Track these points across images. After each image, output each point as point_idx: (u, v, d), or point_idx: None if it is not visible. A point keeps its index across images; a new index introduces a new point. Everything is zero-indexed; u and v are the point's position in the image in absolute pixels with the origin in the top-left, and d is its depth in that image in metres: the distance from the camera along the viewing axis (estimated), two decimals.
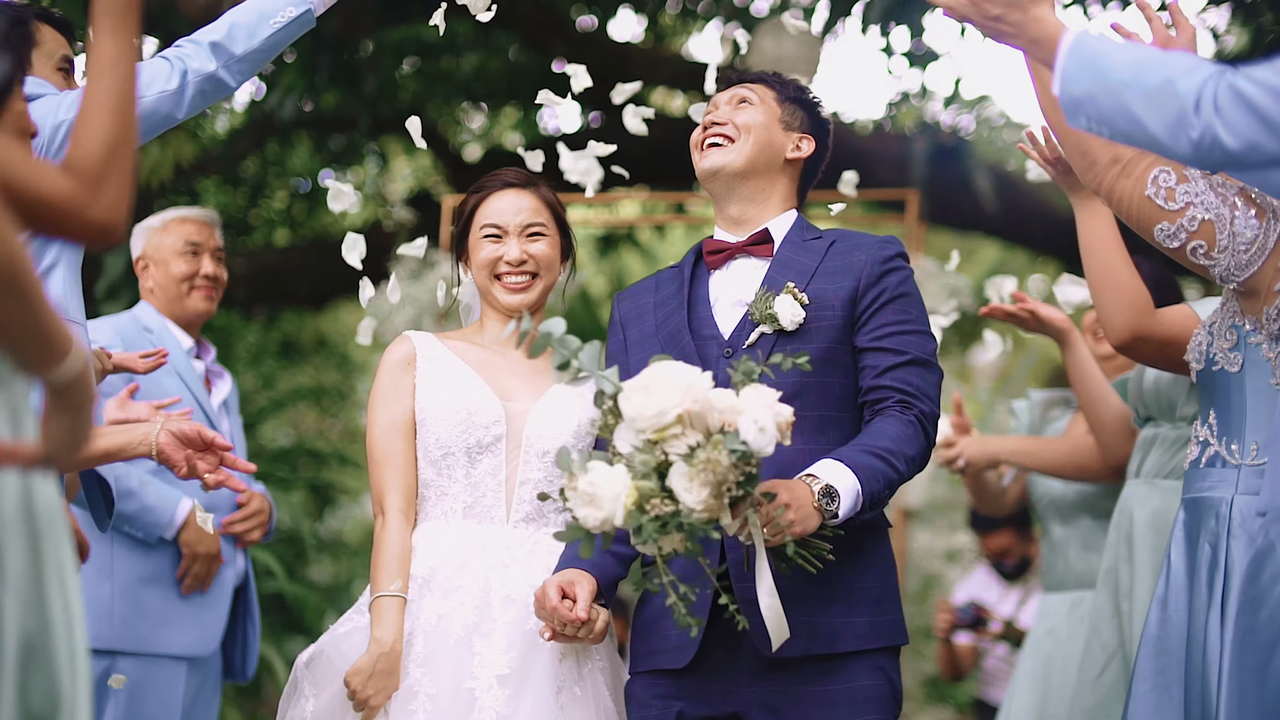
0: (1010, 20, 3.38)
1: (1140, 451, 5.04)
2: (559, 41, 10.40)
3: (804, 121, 4.17)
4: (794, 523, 3.52)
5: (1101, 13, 8.25)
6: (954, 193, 10.51)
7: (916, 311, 3.94)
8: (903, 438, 3.77)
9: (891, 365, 3.86)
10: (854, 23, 8.37)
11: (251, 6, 4.42)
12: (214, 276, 5.71)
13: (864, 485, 3.64)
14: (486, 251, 4.28)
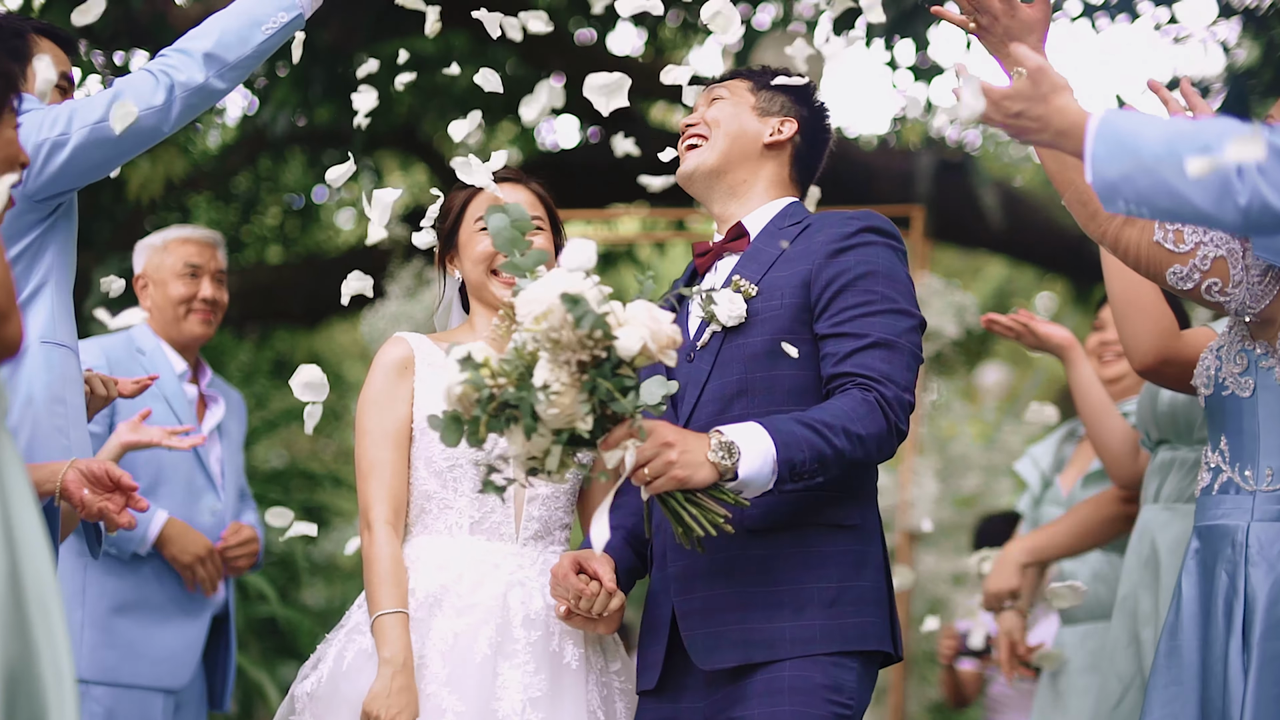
0: (1033, 115, 3.34)
1: (1157, 476, 5.01)
2: (557, 55, 10.40)
3: (785, 105, 4.10)
4: (674, 465, 3.44)
5: (1109, 25, 8.25)
6: (959, 209, 10.50)
7: (884, 289, 3.78)
8: (849, 414, 3.61)
9: (852, 350, 3.72)
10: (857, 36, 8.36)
11: (240, 10, 4.36)
12: (213, 300, 5.69)
13: (780, 451, 3.51)
14: (484, 245, 4.23)
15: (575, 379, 3.32)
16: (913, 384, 3.73)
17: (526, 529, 4.08)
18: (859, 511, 3.83)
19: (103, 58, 8.84)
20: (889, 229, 3.86)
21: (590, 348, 3.31)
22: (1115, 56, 19.76)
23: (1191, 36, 8.62)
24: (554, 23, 10.25)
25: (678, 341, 3.39)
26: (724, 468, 3.47)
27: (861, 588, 3.76)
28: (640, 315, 3.35)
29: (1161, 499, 4.98)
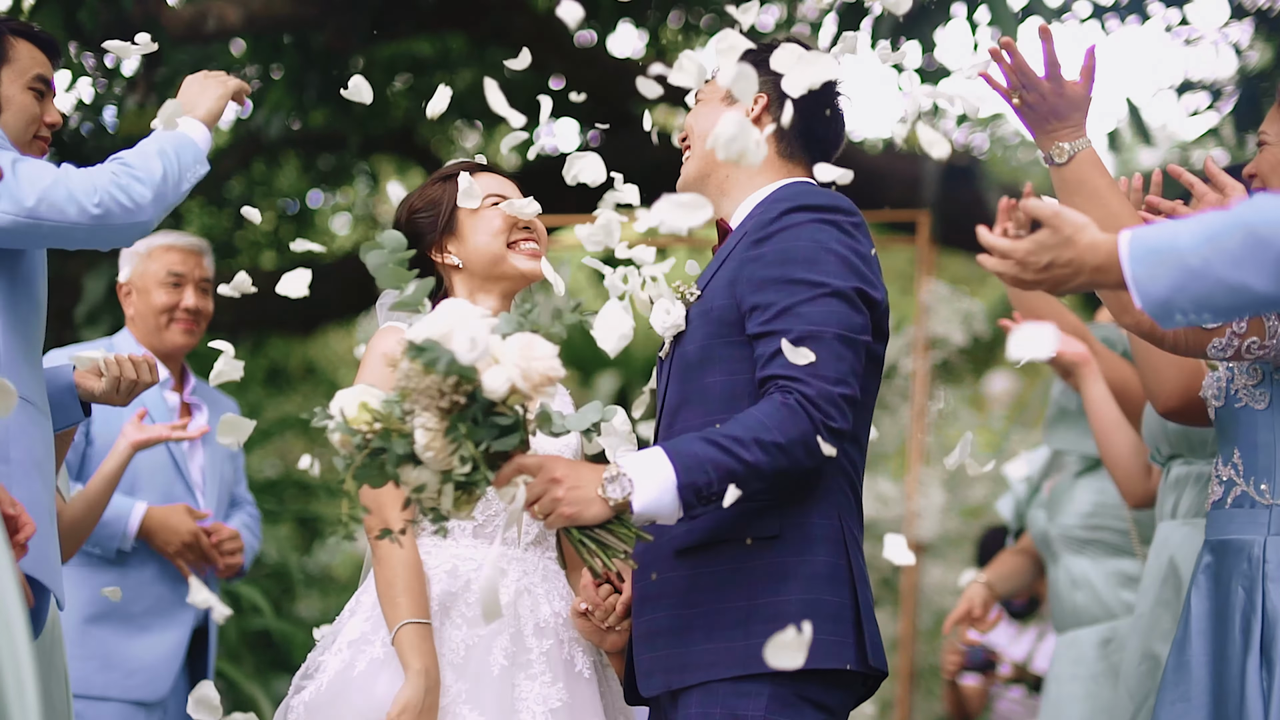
0: (1063, 262, 3.26)
1: (1173, 492, 5.00)
2: (556, 58, 10.40)
3: (758, 84, 3.83)
4: (561, 502, 3.40)
5: (1119, 27, 8.24)
6: (967, 214, 10.46)
7: (805, 273, 3.58)
8: (762, 423, 3.45)
9: (776, 350, 3.54)
10: (863, 38, 8.37)
11: (173, 155, 4.21)
12: (196, 309, 5.66)
13: (681, 477, 3.38)
14: (497, 219, 4.22)
15: (440, 424, 3.31)
16: (848, 371, 3.54)
17: (527, 534, 4.06)
18: (779, 521, 3.62)
19: (94, 59, 8.84)
20: (822, 202, 3.68)
21: (448, 393, 3.29)
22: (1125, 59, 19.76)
23: (1203, 38, 8.62)
24: (553, 24, 10.27)
25: (554, 378, 3.33)
26: (616, 503, 3.41)
27: (780, 603, 3.58)
28: (512, 353, 3.31)
29: (1179, 515, 4.97)
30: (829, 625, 3.57)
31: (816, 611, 3.56)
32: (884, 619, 9.65)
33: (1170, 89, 8.92)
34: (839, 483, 3.68)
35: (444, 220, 4.25)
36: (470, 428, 3.30)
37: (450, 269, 4.24)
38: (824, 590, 3.59)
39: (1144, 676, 4.91)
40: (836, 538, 3.64)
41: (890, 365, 9.15)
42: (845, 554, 3.65)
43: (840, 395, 3.50)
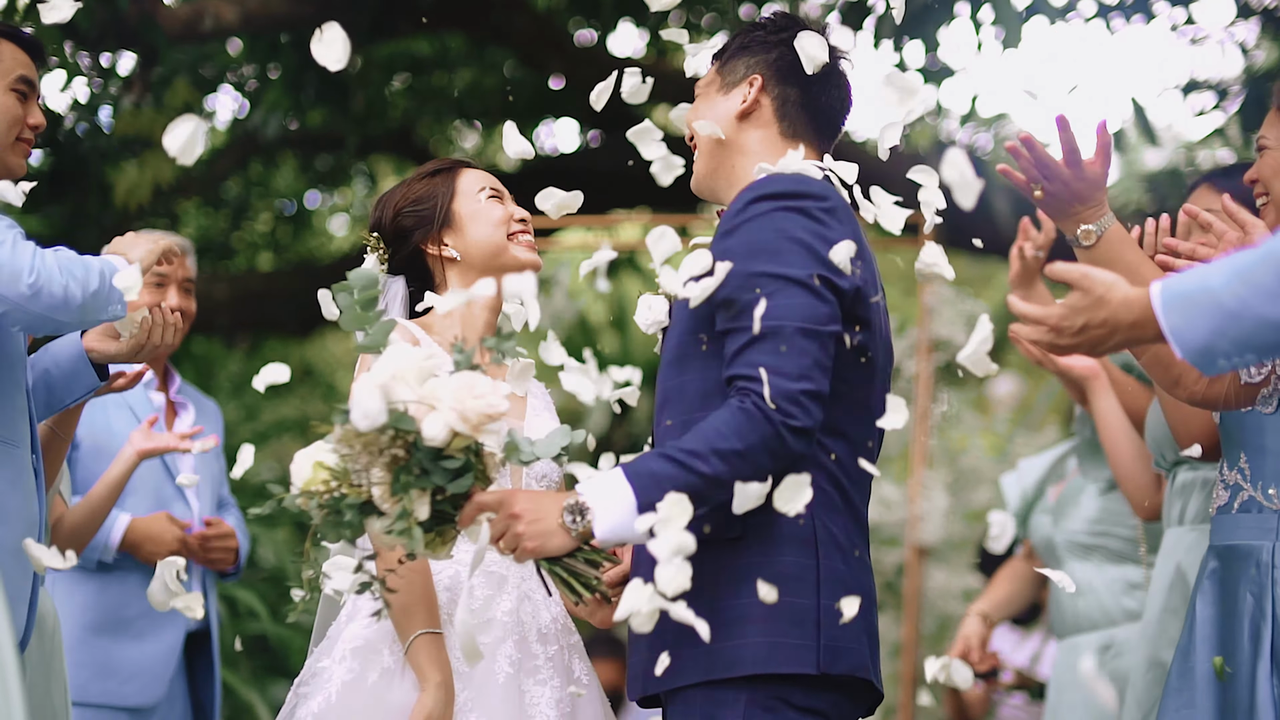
0: (1099, 322, 3.25)
1: (1179, 497, 4.99)
2: (556, 57, 10.40)
3: (747, 64, 3.89)
4: (522, 537, 3.37)
5: (1124, 26, 8.24)
6: (971, 215, 10.47)
7: (767, 265, 3.50)
8: (718, 431, 3.38)
9: (737, 349, 3.47)
10: (866, 38, 8.37)
11: (106, 289, 4.14)
12: (179, 309, 5.65)
13: (639, 497, 3.34)
14: (499, 209, 4.24)
15: (386, 478, 3.31)
16: (810, 365, 3.44)
17: None
18: (743, 522, 3.53)
19: (89, 59, 8.84)
20: (786, 188, 3.59)
21: (387, 449, 3.29)
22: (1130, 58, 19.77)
23: (1209, 38, 8.61)
24: (553, 23, 10.27)
25: (494, 415, 3.32)
26: (577, 533, 3.39)
27: (742, 605, 3.51)
28: (447, 396, 3.30)
29: (1186, 521, 4.96)
30: (791, 629, 3.51)
31: (778, 614, 3.50)
32: (886, 623, 9.63)
33: (1176, 89, 8.92)
34: (815, 480, 3.55)
35: (441, 213, 4.25)
36: (417, 477, 3.31)
37: (447, 262, 4.25)
38: (788, 592, 3.51)
39: (1151, 685, 4.90)
40: (807, 538, 3.56)
41: (894, 368, 9.14)
42: (815, 554, 3.56)
43: (802, 392, 3.42)
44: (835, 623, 3.53)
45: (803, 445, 3.44)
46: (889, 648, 9.64)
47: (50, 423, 4.66)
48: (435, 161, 4.38)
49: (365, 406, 3.26)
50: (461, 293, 3.36)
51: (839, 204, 3.64)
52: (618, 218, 11.29)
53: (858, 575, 3.63)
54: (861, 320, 3.60)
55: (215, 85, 10.51)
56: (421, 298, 4.28)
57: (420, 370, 3.33)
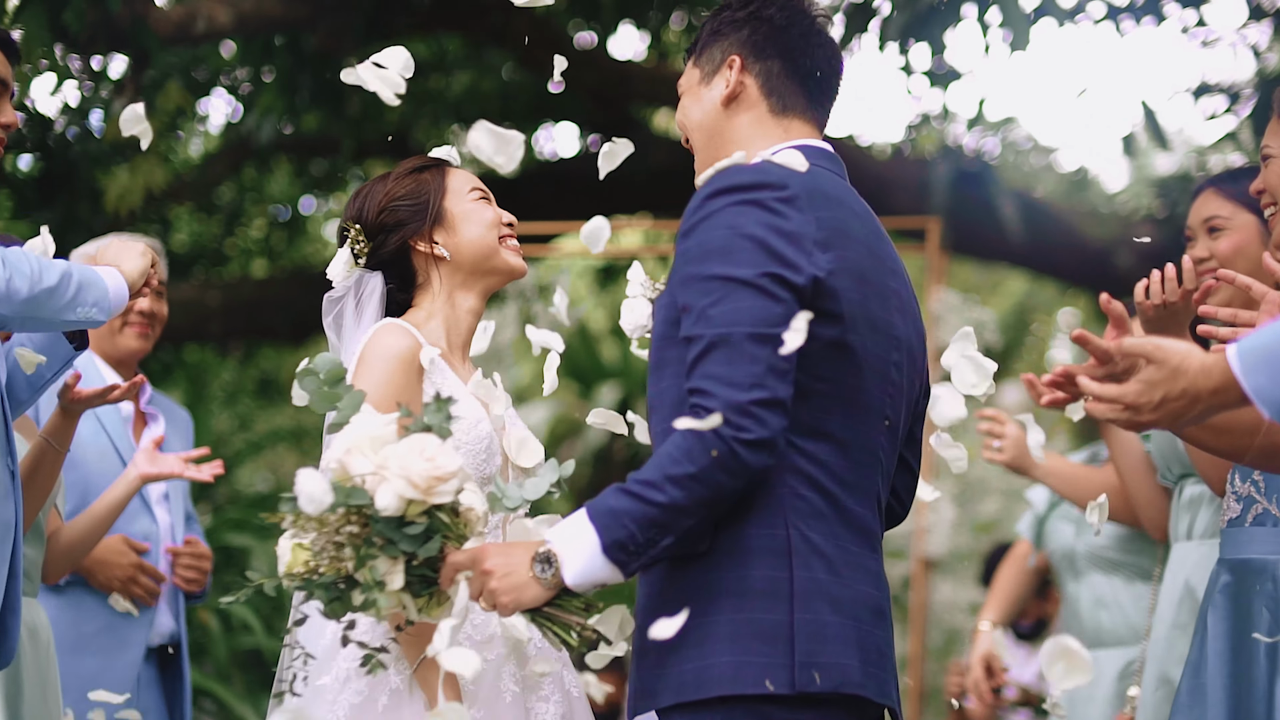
0: (1177, 393, 3.13)
1: (1187, 512, 4.98)
2: (555, 60, 10.41)
3: (723, 48, 3.77)
4: (497, 593, 3.34)
5: (1134, 28, 8.25)
6: (978, 221, 10.51)
7: (720, 267, 3.38)
8: (670, 457, 3.28)
9: (692, 360, 3.36)
10: (871, 40, 8.37)
11: (78, 280, 4.17)
12: (150, 313, 5.62)
13: (604, 537, 3.28)
14: (491, 211, 4.21)
15: (351, 554, 3.32)
16: (763, 372, 3.32)
17: None
18: (707, 535, 3.43)
19: (79, 62, 8.85)
20: (744, 180, 3.46)
21: (341, 527, 3.30)
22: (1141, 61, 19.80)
23: (1220, 40, 8.62)
24: (552, 25, 10.28)
25: (444, 476, 3.30)
26: (549, 583, 3.34)
27: (709, 624, 3.40)
28: (394, 464, 3.30)
29: (1195, 535, 4.95)
30: (759, 646, 3.38)
31: (746, 632, 3.39)
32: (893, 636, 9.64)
33: (1187, 92, 8.93)
34: (791, 487, 3.44)
35: (434, 210, 4.20)
36: (383, 547, 3.31)
37: (436, 260, 4.19)
38: (757, 608, 3.40)
39: (1160, 702, 4.89)
40: (780, 549, 3.42)
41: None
42: (789, 566, 3.41)
43: (753, 402, 3.29)
44: (815, 637, 3.41)
45: (762, 457, 3.32)
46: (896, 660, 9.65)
47: (44, 433, 4.65)
48: (417, 158, 4.32)
49: (308, 491, 3.27)
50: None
51: (800, 191, 3.48)
52: (617, 223, 11.31)
53: (853, 587, 3.50)
54: (829, 313, 3.44)
55: (208, 88, 10.52)
56: (400, 294, 4.24)
57: (375, 438, 3.34)
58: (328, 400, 3.54)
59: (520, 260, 4.22)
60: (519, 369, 14.54)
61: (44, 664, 4.58)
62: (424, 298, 4.20)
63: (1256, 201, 4.29)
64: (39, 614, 4.67)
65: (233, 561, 8.85)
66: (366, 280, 4.24)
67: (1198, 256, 4.76)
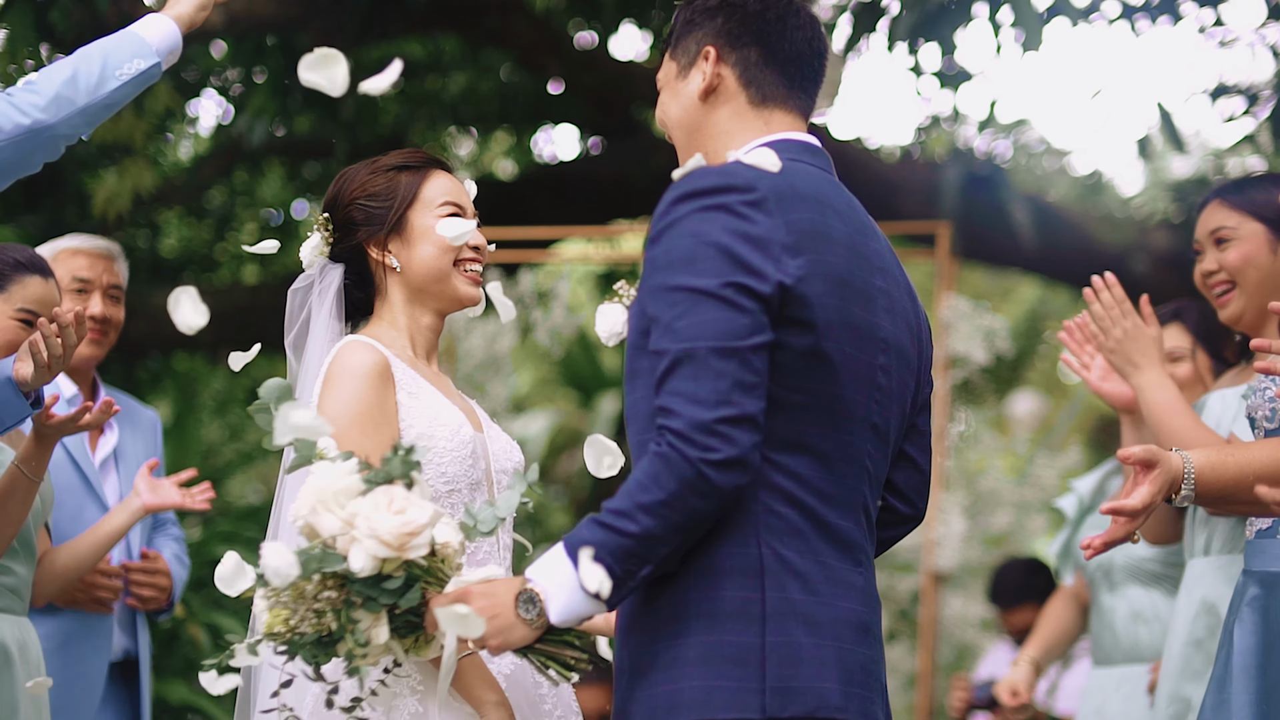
0: None
1: (1204, 528, 4.96)
2: (555, 60, 10.42)
3: (697, 39, 3.71)
4: (485, 636, 3.32)
5: (1150, 28, 8.26)
6: (989, 225, 10.51)
7: (684, 277, 3.34)
8: (638, 484, 3.27)
9: (660, 375, 3.32)
10: (879, 39, 8.38)
11: (97, 52, 4.27)
12: (104, 318, 5.59)
13: (581, 569, 3.27)
14: (453, 230, 4.07)
15: (332, 616, 3.34)
16: (729, 387, 3.27)
17: (504, 558, 4.05)
18: (676, 556, 3.39)
19: None
20: (709, 184, 3.40)
21: (319, 594, 3.32)
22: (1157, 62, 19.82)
23: (1239, 40, 8.62)
24: (552, 25, 10.29)
25: (415, 531, 3.29)
26: (536, 623, 3.33)
27: (679, 647, 3.38)
28: (362, 521, 3.30)
29: (1212, 551, 4.94)
30: (729, 669, 3.35)
31: (716, 655, 3.36)
32: (901, 653, 9.64)
33: (1204, 93, 8.92)
34: (765, 504, 3.39)
35: (394, 217, 4.14)
36: (363, 604, 3.33)
37: (388, 270, 4.15)
38: (728, 630, 3.36)
39: (1177, 717, 4.90)
40: (752, 569, 3.38)
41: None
42: (761, 586, 3.38)
43: (719, 420, 3.25)
44: (788, 660, 3.37)
45: (734, 477, 3.28)
46: (904, 678, 9.65)
47: (18, 460, 4.64)
48: (406, 153, 4.26)
49: (274, 565, 3.28)
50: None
51: (768, 193, 3.42)
52: (619, 228, 11.31)
53: (833, 604, 3.44)
54: (800, 321, 3.40)
55: (198, 90, 10.53)
56: (356, 291, 4.21)
57: (341, 491, 3.34)
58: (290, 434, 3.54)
59: (473, 290, 4.13)
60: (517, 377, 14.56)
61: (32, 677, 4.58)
62: (383, 306, 4.17)
63: (1264, 210, 4.30)
64: (29, 632, 4.68)
65: None
66: (326, 272, 4.21)
67: (1206, 269, 4.80)
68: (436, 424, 3.93)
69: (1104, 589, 5.83)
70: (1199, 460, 3.69)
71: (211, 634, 8.18)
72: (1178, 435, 4.58)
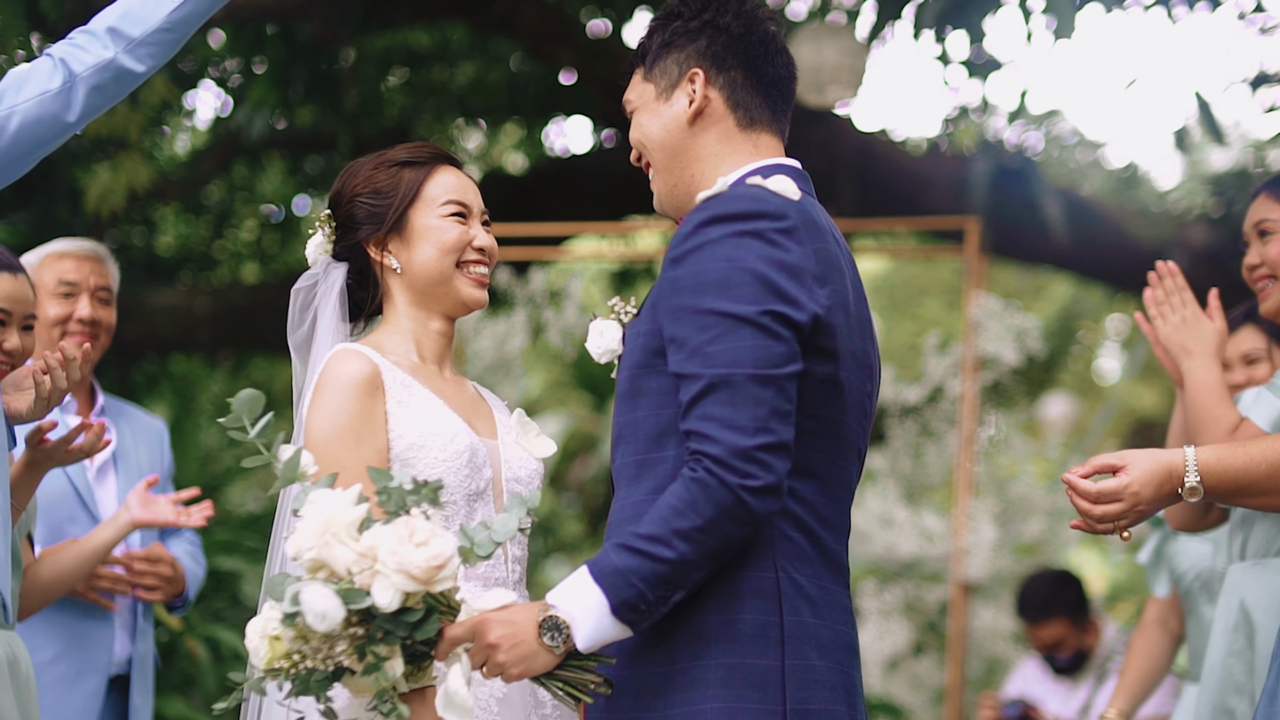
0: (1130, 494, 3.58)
1: (1240, 531, 4.95)
2: (567, 50, 10.42)
3: (680, 59, 3.80)
4: (506, 665, 3.39)
5: (1187, 14, 8.25)
6: (1020, 221, 10.51)
7: (716, 302, 3.44)
8: (674, 509, 3.38)
9: (690, 400, 3.42)
10: (905, 27, 8.38)
11: None
12: (93, 319, 5.59)
13: (612, 597, 3.36)
14: (455, 233, 4.07)
15: (353, 655, 3.36)
16: (767, 415, 3.40)
17: (513, 571, 4.03)
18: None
19: None
20: (741, 209, 3.51)
21: (345, 633, 3.33)
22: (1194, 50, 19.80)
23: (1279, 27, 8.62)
24: (563, 12, 10.29)
25: (439, 562, 3.31)
26: (560, 650, 3.40)
27: (699, 669, 3.49)
28: (386, 555, 3.32)
29: (1249, 555, 4.94)
30: (750, 692, 3.46)
31: (737, 677, 3.47)
32: (929, 667, 9.63)
33: (1244, 82, 8.92)
34: (779, 528, 3.53)
35: (394, 216, 4.11)
36: (383, 638, 3.35)
37: (388, 271, 4.12)
38: (749, 653, 3.48)
39: None
40: (769, 591, 3.51)
41: (936, 388, 9.15)
42: (779, 610, 3.51)
43: (758, 447, 3.38)
44: (805, 683, 3.49)
45: (770, 503, 3.41)
46: (931, 693, 9.64)
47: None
48: (413, 147, 4.23)
49: (318, 609, 3.29)
50: None
51: (798, 222, 3.54)
52: (633, 224, 11.31)
53: (833, 627, 3.58)
54: (825, 350, 3.53)
55: (195, 81, 10.55)
56: (358, 290, 4.20)
57: (352, 523, 3.34)
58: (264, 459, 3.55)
59: (478, 293, 4.11)
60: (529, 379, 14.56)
61: (26, 700, 4.59)
62: (388, 307, 4.15)
63: None
64: (19, 645, 4.68)
65: (222, 586, 8.86)
66: (329, 271, 4.19)
67: (1250, 263, 4.81)
68: (428, 434, 3.91)
69: (1203, 600, 5.75)
70: (1205, 453, 3.79)
71: (210, 648, 8.19)
72: (1208, 416, 4.64)
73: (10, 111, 4.08)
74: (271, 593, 3.39)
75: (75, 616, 5.46)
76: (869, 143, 10.79)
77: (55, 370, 4.37)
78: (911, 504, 9.43)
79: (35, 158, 4.21)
